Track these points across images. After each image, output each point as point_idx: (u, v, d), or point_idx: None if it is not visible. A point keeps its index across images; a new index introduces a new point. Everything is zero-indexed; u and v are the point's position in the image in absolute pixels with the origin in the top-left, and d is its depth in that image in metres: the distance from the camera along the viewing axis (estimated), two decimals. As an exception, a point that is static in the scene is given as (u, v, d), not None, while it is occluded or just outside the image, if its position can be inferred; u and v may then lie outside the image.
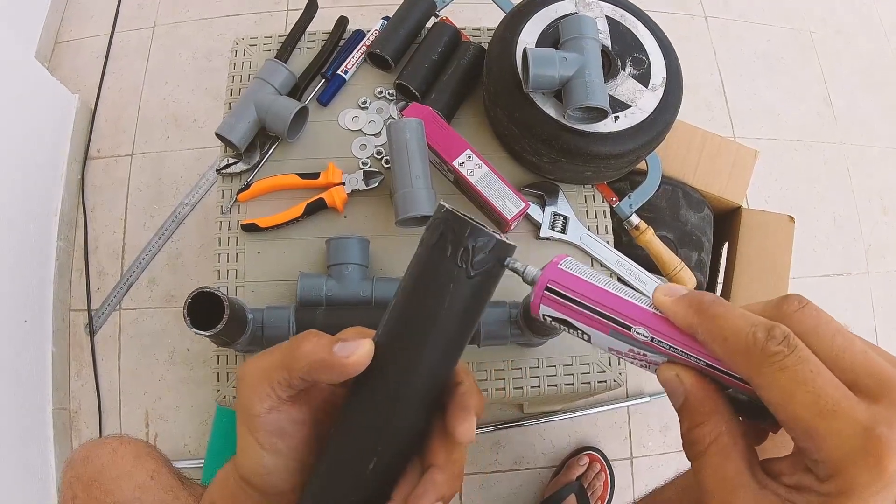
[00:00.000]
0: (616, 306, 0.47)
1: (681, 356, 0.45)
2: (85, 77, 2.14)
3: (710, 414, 0.44)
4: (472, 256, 0.45)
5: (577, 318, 0.48)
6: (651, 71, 1.14)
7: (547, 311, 0.49)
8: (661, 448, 1.85)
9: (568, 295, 0.48)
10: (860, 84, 2.34)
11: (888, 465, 0.36)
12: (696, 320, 0.43)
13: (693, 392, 0.44)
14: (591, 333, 0.48)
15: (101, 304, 1.90)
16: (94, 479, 0.95)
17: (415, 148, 1.06)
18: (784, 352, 0.39)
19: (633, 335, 0.46)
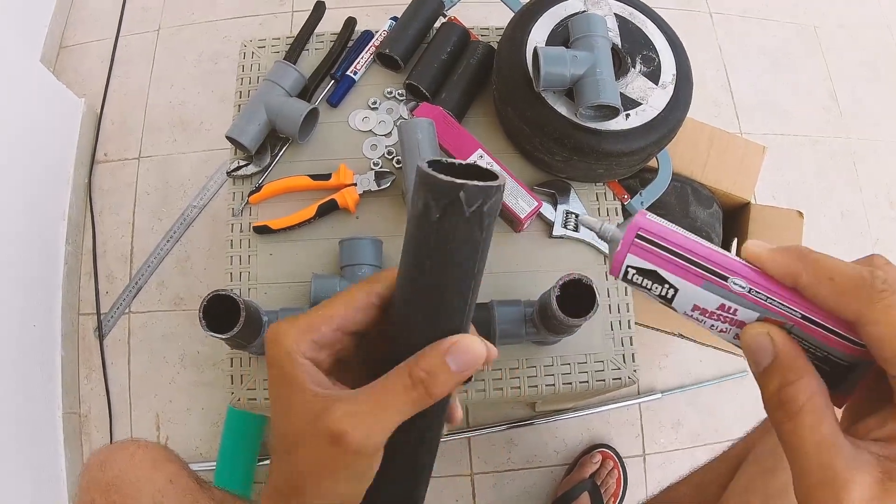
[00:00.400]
0: (711, 256, 0.46)
1: (777, 308, 0.44)
2: (90, 81, 2.14)
3: (803, 373, 0.43)
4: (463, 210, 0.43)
5: (668, 269, 0.46)
6: (661, 68, 1.14)
7: (635, 261, 0.47)
8: (674, 445, 1.85)
9: (660, 242, 0.47)
10: (865, 78, 2.34)
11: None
12: (800, 264, 0.44)
13: (785, 350, 0.44)
14: (680, 286, 0.47)
15: (110, 308, 1.89)
16: (112, 483, 0.95)
17: (427, 148, 1.06)
18: (890, 290, 0.40)
19: (730, 286, 0.45)
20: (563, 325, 0.92)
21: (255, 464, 1.71)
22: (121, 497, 0.93)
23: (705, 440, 1.85)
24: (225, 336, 0.89)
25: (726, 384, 1.89)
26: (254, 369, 1.09)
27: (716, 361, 1.90)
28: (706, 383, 1.88)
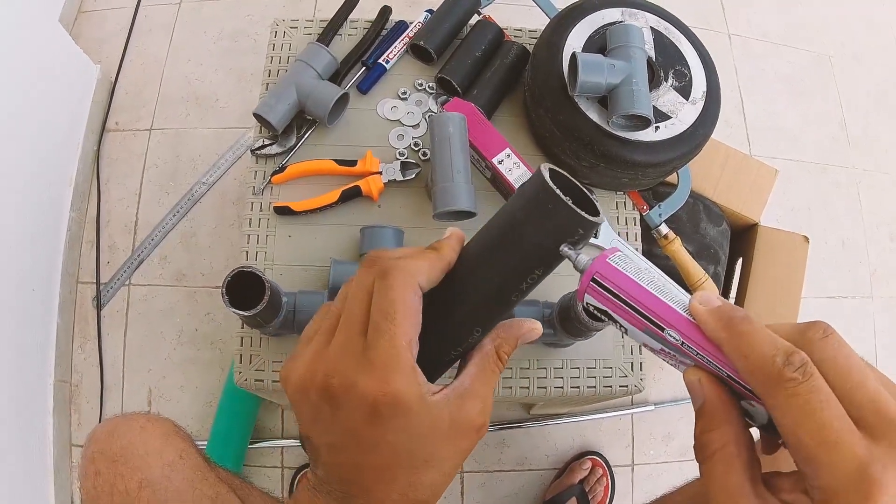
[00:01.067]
0: (654, 307, 0.49)
1: (705, 364, 0.48)
2: (107, 49, 2.12)
3: (721, 422, 0.46)
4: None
5: (616, 312, 0.51)
6: (692, 84, 1.15)
7: (591, 300, 0.52)
8: (663, 457, 1.86)
9: (611, 289, 0.51)
10: (876, 110, 2.36)
11: (875, 502, 0.38)
12: (724, 335, 0.46)
13: (710, 399, 0.47)
14: (627, 328, 0.51)
15: (110, 279, 1.88)
16: (120, 454, 0.94)
17: (457, 143, 1.06)
18: (798, 379, 0.41)
19: (666, 337, 0.49)
20: (585, 328, 0.93)
21: (246, 446, 1.71)
22: (128, 469, 0.92)
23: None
24: (248, 313, 0.89)
25: (718, 402, 1.91)
26: (263, 350, 1.09)
27: (710, 378, 1.91)
28: (699, 399, 1.89)
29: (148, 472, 0.92)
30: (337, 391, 0.50)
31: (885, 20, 2.54)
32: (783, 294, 1.56)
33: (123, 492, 0.91)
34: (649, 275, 0.51)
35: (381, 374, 0.49)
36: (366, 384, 0.49)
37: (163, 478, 0.93)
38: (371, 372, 0.49)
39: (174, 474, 0.94)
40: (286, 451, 1.77)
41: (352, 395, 0.50)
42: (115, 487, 0.91)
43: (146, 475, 0.92)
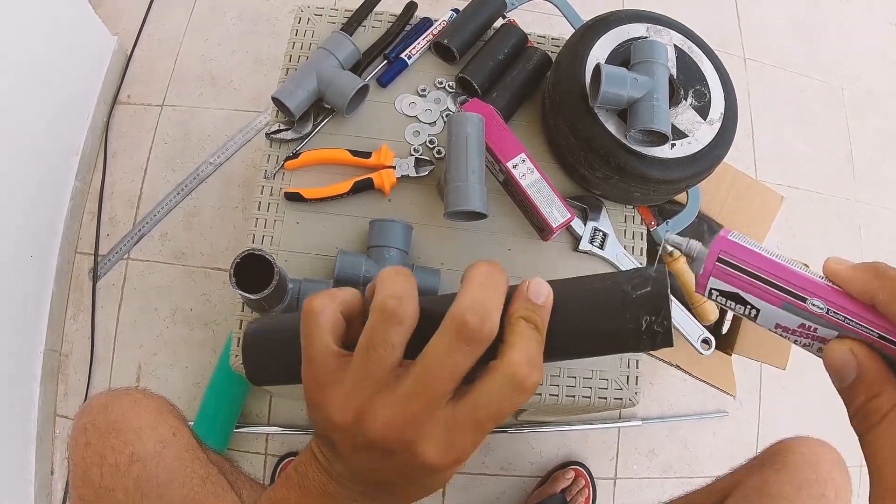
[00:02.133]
0: (790, 277, 0.47)
1: (854, 328, 0.45)
2: (125, 21, 2.11)
3: (886, 385, 0.44)
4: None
5: (749, 291, 0.48)
6: (711, 105, 1.15)
7: (717, 284, 0.49)
8: (646, 473, 1.86)
9: (741, 266, 0.48)
10: (884, 146, 2.37)
11: None
12: (877, 283, 0.44)
13: (868, 364, 0.44)
14: (761, 308, 0.48)
15: (108, 251, 1.88)
16: (112, 427, 0.94)
17: (474, 143, 1.06)
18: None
19: (809, 307, 0.46)
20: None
21: (232, 429, 1.70)
22: (120, 442, 0.92)
23: (677, 473, 1.87)
24: (255, 296, 0.89)
25: (705, 422, 1.91)
26: (263, 334, 1.08)
27: (699, 397, 1.93)
28: (687, 417, 1.90)
29: (140, 446, 0.93)
30: (397, 449, 0.45)
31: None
32: (780, 321, 1.56)
33: (113, 464, 0.91)
34: (776, 251, 0.49)
35: (448, 453, 0.46)
36: (433, 457, 0.45)
37: (155, 454, 0.93)
38: (439, 448, 0.45)
39: (166, 451, 0.94)
40: (271, 439, 1.76)
41: (412, 460, 0.46)
42: (104, 459, 0.92)
43: (138, 450, 0.92)
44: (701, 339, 1.20)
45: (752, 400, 1.97)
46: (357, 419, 0.45)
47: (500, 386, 0.44)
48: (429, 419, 0.45)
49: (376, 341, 0.45)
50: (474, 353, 0.44)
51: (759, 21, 2.44)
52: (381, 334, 0.45)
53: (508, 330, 0.46)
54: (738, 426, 1.95)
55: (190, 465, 0.95)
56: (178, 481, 0.92)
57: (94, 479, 0.91)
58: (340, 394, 0.46)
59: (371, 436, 0.45)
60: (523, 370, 0.44)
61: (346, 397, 0.46)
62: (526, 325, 0.46)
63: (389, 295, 0.45)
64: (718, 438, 1.92)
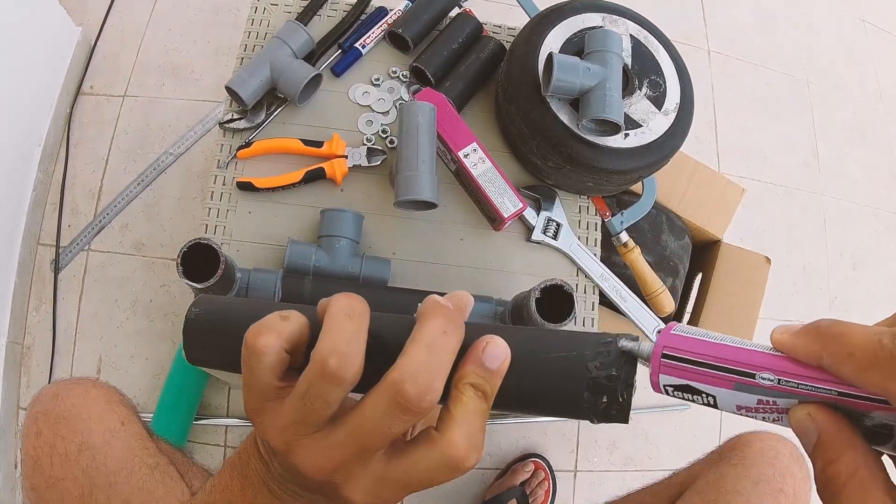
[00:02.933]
0: (735, 356, 0.45)
1: (811, 392, 0.43)
2: (89, 12, 2.09)
3: (845, 447, 0.41)
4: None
5: (699, 380, 0.46)
6: (666, 95, 1.16)
7: (668, 380, 0.47)
8: (606, 465, 1.87)
9: (685, 357, 0.46)
10: (849, 141, 2.39)
11: None
12: (819, 345, 0.41)
13: (825, 427, 0.42)
14: (715, 394, 0.46)
15: (70, 242, 1.86)
16: (62, 416, 0.94)
17: (425, 133, 1.06)
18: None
19: (759, 382, 0.44)
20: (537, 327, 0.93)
21: (191, 421, 1.70)
22: (69, 432, 0.92)
23: (637, 465, 1.88)
24: (201, 286, 0.88)
25: (667, 414, 1.92)
26: (215, 325, 1.08)
27: (661, 391, 1.93)
28: (647, 410, 1.91)
29: (89, 436, 0.93)
30: (324, 487, 0.46)
31: (867, 54, 2.58)
32: (740, 312, 1.57)
33: (63, 454, 0.91)
34: (718, 334, 0.47)
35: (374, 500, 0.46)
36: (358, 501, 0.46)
37: (103, 443, 0.93)
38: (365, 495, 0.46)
39: (115, 440, 0.94)
40: (230, 431, 1.76)
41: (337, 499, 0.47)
42: (55, 449, 0.92)
43: (87, 439, 0.92)
44: (657, 330, 1.20)
45: (714, 392, 1.98)
46: (288, 452, 0.45)
47: (435, 462, 0.44)
48: (358, 468, 0.45)
49: (312, 394, 0.43)
50: (411, 421, 0.43)
51: (725, 14, 2.46)
52: (319, 390, 0.43)
53: (455, 397, 0.45)
54: (699, 419, 1.96)
55: (139, 455, 0.95)
56: (126, 470, 0.92)
57: (45, 469, 0.91)
58: (276, 425, 0.45)
59: (301, 470, 0.45)
60: (461, 452, 0.44)
61: (280, 430, 0.45)
62: (473, 395, 0.45)
63: (333, 351, 0.43)
64: (679, 431, 1.93)
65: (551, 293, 0.93)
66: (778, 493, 1.00)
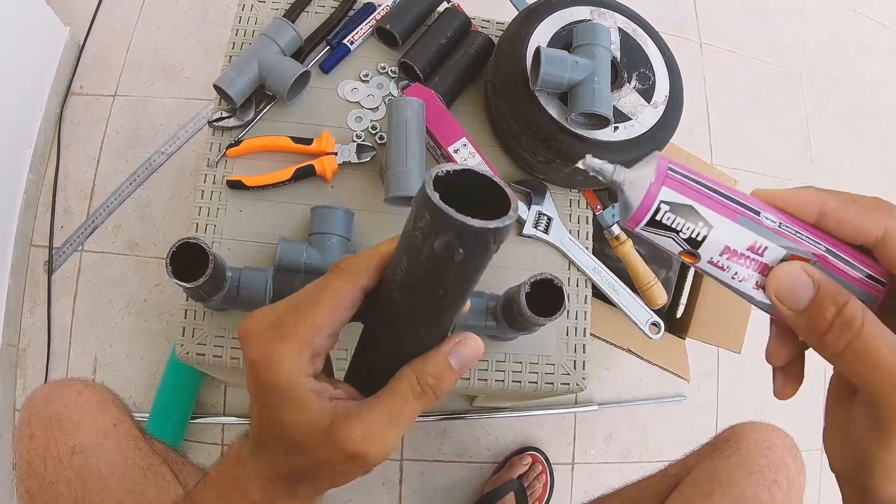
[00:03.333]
0: (741, 193, 0.45)
1: (805, 242, 0.45)
2: (78, 11, 2.08)
3: (848, 294, 0.43)
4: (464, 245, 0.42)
5: (705, 202, 0.44)
6: (655, 87, 1.16)
7: (669, 195, 0.44)
8: (603, 457, 1.87)
9: (694, 177, 0.45)
10: (841, 132, 2.39)
11: None
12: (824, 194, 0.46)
13: (825, 279, 0.44)
14: (715, 224, 0.44)
15: (63, 243, 1.86)
16: (54, 419, 0.94)
17: (414, 128, 1.06)
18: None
19: (763, 220, 0.44)
20: (528, 322, 0.93)
21: (187, 420, 1.69)
22: (62, 434, 0.93)
23: (635, 457, 1.88)
24: (190, 285, 0.88)
25: (663, 406, 1.92)
26: (207, 324, 1.08)
27: (656, 382, 1.93)
28: (644, 401, 1.91)
29: (81, 438, 0.93)
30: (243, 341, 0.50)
31: (859, 45, 2.58)
32: (734, 304, 1.57)
33: (56, 457, 0.91)
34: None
35: (267, 342, 0.49)
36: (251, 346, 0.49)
37: (95, 445, 0.93)
38: (263, 337, 0.49)
39: (107, 442, 0.94)
40: (227, 429, 1.76)
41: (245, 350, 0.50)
42: (48, 452, 0.92)
43: (79, 441, 0.92)
44: (650, 322, 1.20)
45: (710, 384, 1.99)
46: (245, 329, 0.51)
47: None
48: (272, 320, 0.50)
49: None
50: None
51: (716, 5, 2.45)
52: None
53: (406, 386, 0.50)
54: (696, 410, 1.96)
55: (131, 456, 0.95)
56: (118, 473, 0.92)
57: (39, 472, 0.91)
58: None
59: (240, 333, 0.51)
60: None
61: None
62: (421, 396, 0.50)
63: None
64: (676, 422, 1.93)
65: (542, 287, 0.93)
66: (772, 484, 1.00)
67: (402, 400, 0.49)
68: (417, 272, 0.46)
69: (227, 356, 1.07)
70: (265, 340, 0.49)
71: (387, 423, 0.49)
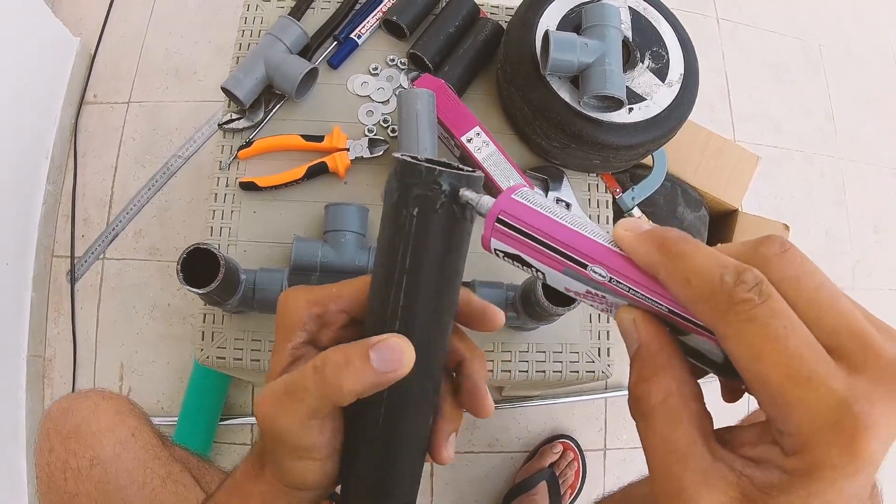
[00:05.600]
0: (572, 241, 0.42)
1: (641, 300, 0.41)
2: (88, 20, 2.09)
3: (660, 368, 0.39)
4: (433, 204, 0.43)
5: (529, 254, 0.44)
6: (669, 66, 1.13)
7: (499, 245, 0.45)
8: (636, 442, 1.83)
9: (521, 228, 0.43)
10: (864, 103, 2.34)
11: (863, 447, 0.32)
12: (658, 258, 0.38)
13: (646, 342, 0.40)
14: (545, 272, 0.44)
15: (84, 252, 1.86)
16: (72, 432, 0.94)
17: (425, 119, 1.04)
18: (754, 300, 0.34)
19: (590, 274, 0.42)
20: (546, 312, 0.91)
21: (216, 423, 1.69)
22: (80, 446, 0.93)
23: (668, 442, 1.86)
24: (202, 291, 0.87)
25: (695, 388, 1.90)
26: (226, 327, 1.07)
27: (687, 363, 1.90)
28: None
29: (100, 449, 0.93)
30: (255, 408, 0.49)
31: (877, 14, 2.52)
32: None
33: (76, 469, 0.91)
34: (564, 212, 0.44)
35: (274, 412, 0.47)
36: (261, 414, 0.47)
37: (114, 456, 0.93)
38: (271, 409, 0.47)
39: (125, 453, 0.94)
40: (255, 428, 1.75)
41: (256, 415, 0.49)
42: (67, 465, 0.92)
43: (97, 453, 0.92)
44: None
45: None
46: None
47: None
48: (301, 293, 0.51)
49: None
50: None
51: (732, -20, 2.42)
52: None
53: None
54: (727, 389, 1.93)
55: (150, 466, 0.94)
56: (138, 482, 0.92)
57: (59, 485, 0.92)
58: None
59: None
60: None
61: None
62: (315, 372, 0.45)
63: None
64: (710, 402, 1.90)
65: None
66: None
67: (300, 376, 0.46)
68: (384, 245, 0.46)
69: (247, 358, 1.06)
70: (290, 290, 0.51)
71: (284, 392, 0.46)
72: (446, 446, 0.48)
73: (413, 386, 0.47)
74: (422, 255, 0.45)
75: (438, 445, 0.48)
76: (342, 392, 0.43)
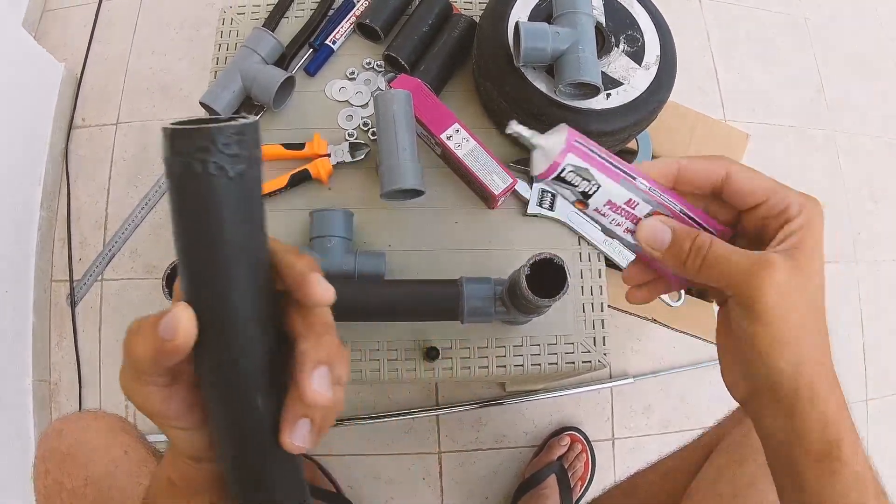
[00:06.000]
0: (622, 164, 0.58)
1: (664, 202, 0.59)
2: (72, 46, 2.10)
3: (695, 232, 0.57)
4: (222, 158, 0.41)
5: (598, 167, 0.57)
6: (645, 49, 1.13)
7: (573, 160, 0.56)
8: (643, 430, 1.84)
9: (592, 148, 0.57)
10: (853, 73, 2.33)
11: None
12: (680, 159, 0.60)
13: (679, 225, 0.58)
14: (602, 183, 0.57)
15: (83, 275, 1.87)
16: (67, 453, 0.95)
17: (402, 120, 1.04)
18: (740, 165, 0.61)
19: (637, 184, 0.58)
20: (532, 305, 0.91)
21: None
22: (75, 467, 0.94)
23: (677, 427, 1.85)
24: (186, 303, 0.87)
25: (699, 371, 1.89)
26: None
27: (690, 348, 1.90)
28: (679, 369, 1.88)
29: (93, 469, 0.94)
30: None
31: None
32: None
33: (71, 490, 0.92)
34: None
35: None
36: None
37: (107, 475, 0.93)
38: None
39: (118, 471, 0.94)
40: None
41: None
42: (63, 486, 0.93)
43: (91, 472, 0.93)
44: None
45: (747, 343, 1.95)
46: None
47: None
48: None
49: None
50: None
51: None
52: None
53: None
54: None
55: (143, 482, 0.95)
56: (131, 500, 0.92)
57: None
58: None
59: None
60: None
61: None
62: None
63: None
64: (715, 387, 1.89)
65: (543, 267, 0.91)
66: None
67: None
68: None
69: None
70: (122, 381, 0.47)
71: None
72: (291, 430, 0.46)
73: (223, 361, 0.46)
74: (183, 224, 0.44)
75: (282, 429, 0.47)
76: (135, 358, 0.43)
